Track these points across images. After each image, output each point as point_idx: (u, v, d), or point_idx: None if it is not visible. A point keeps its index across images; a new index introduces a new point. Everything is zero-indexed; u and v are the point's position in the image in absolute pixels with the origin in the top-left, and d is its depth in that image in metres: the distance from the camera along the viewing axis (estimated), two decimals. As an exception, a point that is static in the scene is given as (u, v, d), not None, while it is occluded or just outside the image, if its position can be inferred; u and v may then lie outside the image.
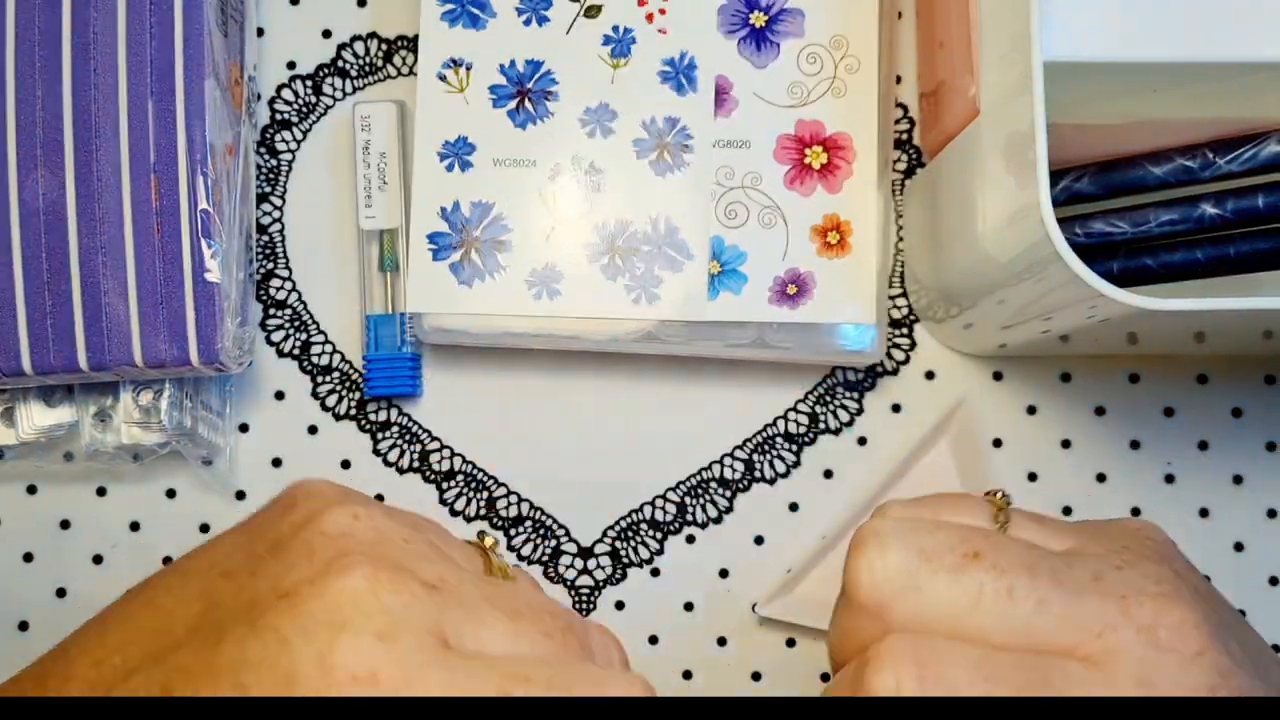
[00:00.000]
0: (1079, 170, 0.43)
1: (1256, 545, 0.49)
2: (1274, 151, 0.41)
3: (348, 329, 0.49)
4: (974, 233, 0.41)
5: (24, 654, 0.48)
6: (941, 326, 0.48)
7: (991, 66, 0.40)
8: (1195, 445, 0.49)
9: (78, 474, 0.49)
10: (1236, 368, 0.49)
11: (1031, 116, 0.35)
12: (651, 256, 0.46)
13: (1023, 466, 0.49)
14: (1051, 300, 0.38)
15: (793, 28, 0.46)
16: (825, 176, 0.46)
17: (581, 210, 0.46)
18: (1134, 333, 0.43)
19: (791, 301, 0.46)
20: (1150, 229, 0.41)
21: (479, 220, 0.46)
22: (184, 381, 0.47)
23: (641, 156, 0.46)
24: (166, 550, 0.49)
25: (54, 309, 0.44)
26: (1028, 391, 0.49)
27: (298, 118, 0.50)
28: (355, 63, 0.50)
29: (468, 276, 0.46)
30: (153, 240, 0.44)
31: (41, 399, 0.47)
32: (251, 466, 0.49)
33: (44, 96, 0.44)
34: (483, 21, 0.46)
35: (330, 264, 0.49)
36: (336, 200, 0.49)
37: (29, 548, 0.49)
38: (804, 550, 0.48)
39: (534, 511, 0.49)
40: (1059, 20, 0.38)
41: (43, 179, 0.44)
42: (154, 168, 0.44)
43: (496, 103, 0.46)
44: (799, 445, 0.49)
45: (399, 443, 0.49)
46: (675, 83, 0.46)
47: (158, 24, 0.44)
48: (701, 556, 0.49)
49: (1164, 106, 0.40)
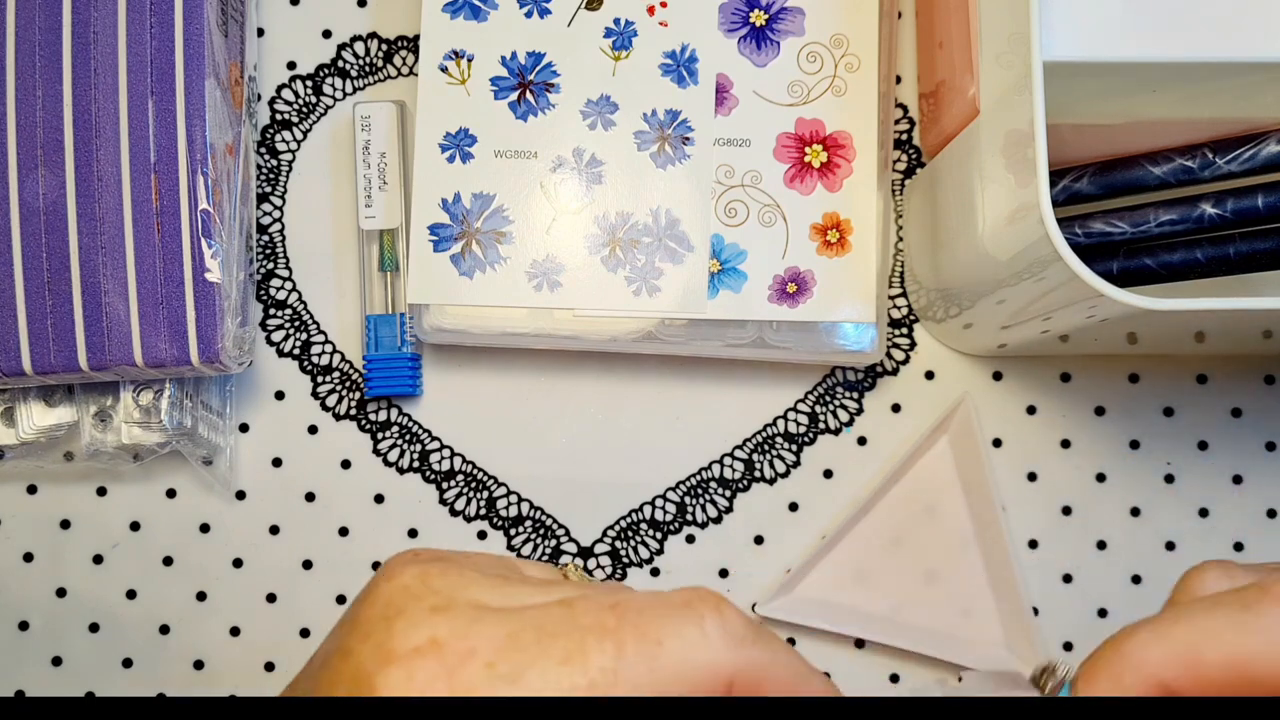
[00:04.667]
0: (1079, 170, 0.43)
1: (1256, 545, 0.49)
2: (1273, 151, 0.41)
3: (348, 329, 0.49)
4: (974, 232, 0.41)
5: (25, 654, 0.49)
6: (941, 326, 0.48)
7: (991, 66, 0.40)
8: (1195, 445, 0.49)
9: (78, 474, 0.49)
10: (1236, 368, 0.49)
11: (1031, 116, 0.35)
12: (652, 248, 0.46)
13: (1023, 466, 0.49)
14: (1051, 300, 0.38)
15: (793, 26, 0.46)
16: (825, 175, 0.46)
17: (582, 202, 0.46)
18: (1134, 333, 0.43)
19: (791, 300, 0.46)
20: (1150, 229, 0.41)
21: (480, 212, 0.46)
22: (184, 381, 0.47)
23: (643, 149, 0.46)
24: (166, 550, 0.49)
25: (54, 309, 0.44)
26: (1028, 391, 0.49)
27: (298, 118, 0.50)
28: (355, 63, 0.50)
29: (468, 268, 0.46)
30: (153, 240, 0.44)
31: (41, 399, 0.47)
32: (251, 466, 0.49)
33: (44, 96, 0.44)
34: (484, 13, 0.46)
35: (330, 264, 0.49)
36: (336, 200, 0.49)
37: (29, 548, 0.49)
38: (804, 550, 0.48)
39: (534, 511, 0.49)
40: (1059, 20, 0.38)
41: (43, 179, 0.44)
42: (154, 167, 0.44)
43: (498, 94, 0.46)
44: (799, 445, 0.49)
45: (399, 443, 0.49)
46: (676, 75, 0.46)
47: (158, 24, 0.44)
48: (701, 556, 0.49)
49: (1164, 106, 0.40)
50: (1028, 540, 0.49)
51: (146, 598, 0.49)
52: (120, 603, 0.49)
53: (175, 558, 0.49)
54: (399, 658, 0.24)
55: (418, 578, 0.26)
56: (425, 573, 0.26)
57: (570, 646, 0.25)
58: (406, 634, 0.25)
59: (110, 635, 0.49)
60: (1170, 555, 0.49)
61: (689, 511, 0.49)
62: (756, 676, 0.26)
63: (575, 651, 0.24)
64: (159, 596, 0.49)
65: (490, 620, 0.25)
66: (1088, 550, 0.49)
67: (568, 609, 0.25)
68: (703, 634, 0.25)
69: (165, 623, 0.49)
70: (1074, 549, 0.49)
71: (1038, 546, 0.49)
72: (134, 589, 0.49)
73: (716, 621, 0.26)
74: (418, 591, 0.26)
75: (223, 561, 0.49)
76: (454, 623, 0.25)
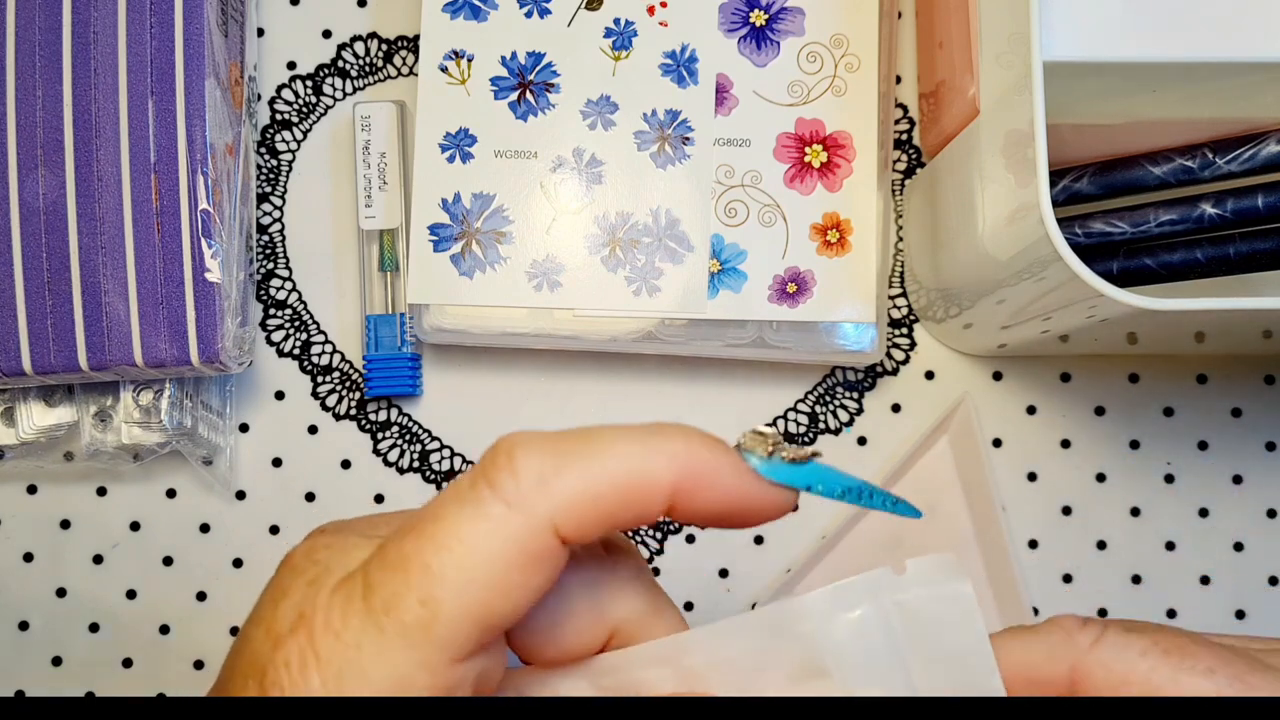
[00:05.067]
0: (1079, 170, 0.43)
1: (1256, 545, 0.49)
2: (1273, 151, 0.41)
3: (348, 329, 0.49)
4: (974, 232, 0.41)
5: (24, 654, 0.49)
6: (941, 326, 0.48)
7: (991, 66, 0.40)
8: (1195, 445, 0.49)
9: (78, 474, 0.49)
10: (1236, 368, 0.49)
11: (1031, 116, 0.35)
12: (652, 248, 0.46)
13: (1023, 466, 0.49)
14: (1051, 300, 0.38)
15: (793, 26, 0.46)
16: (825, 175, 0.46)
17: (582, 202, 0.46)
18: (1134, 333, 0.43)
19: (791, 300, 0.46)
20: (1150, 229, 0.41)
21: (480, 212, 0.46)
22: (184, 381, 0.47)
23: (643, 149, 0.46)
24: (166, 550, 0.49)
25: (54, 309, 0.44)
26: (1028, 391, 0.49)
27: (298, 118, 0.50)
28: (355, 63, 0.50)
29: (468, 268, 0.46)
30: (153, 240, 0.44)
31: (41, 399, 0.47)
32: (251, 466, 0.49)
33: (44, 96, 0.44)
34: (484, 13, 0.46)
35: (330, 264, 0.49)
36: (336, 200, 0.49)
37: (29, 548, 0.49)
38: (804, 550, 0.48)
39: (534, 511, 0.49)
40: (1059, 20, 0.38)
41: (43, 179, 0.44)
42: (154, 167, 0.44)
43: (498, 94, 0.46)
44: (799, 445, 0.49)
45: (399, 443, 0.49)
46: (676, 75, 0.46)
47: (158, 24, 0.44)
48: (701, 556, 0.49)
49: (1164, 106, 0.40)
50: (1028, 540, 0.49)
51: (146, 598, 0.49)
52: (120, 603, 0.49)
53: (175, 558, 0.49)
54: (281, 639, 0.24)
55: (305, 553, 0.26)
56: (313, 546, 0.26)
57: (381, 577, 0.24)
58: (286, 613, 0.25)
59: (110, 635, 0.49)
60: (1170, 555, 0.49)
61: (689, 511, 0.49)
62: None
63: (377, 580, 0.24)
64: (159, 596, 0.49)
65: (343, 590, 0.24)
66: (1088, 550, 0.49)
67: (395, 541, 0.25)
68: (486, 514, 0.24)
69: (165, 623, 0.49)
70: (1074, 549, 0.49)
71: (1038, 546, 0.49)
72: (134, 589, 0.49)
73: (495, 497, 0.24)
74: (301, 566, 0.26)
75: (223, 561, 0.49)
76: (318, 594, 0.25)
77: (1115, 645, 0.27)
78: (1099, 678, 0.27)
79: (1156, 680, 0.26)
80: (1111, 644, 0.27)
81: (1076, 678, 0.27)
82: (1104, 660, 0.27)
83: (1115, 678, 0.27)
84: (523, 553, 0.24)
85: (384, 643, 0.23)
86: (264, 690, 0.24)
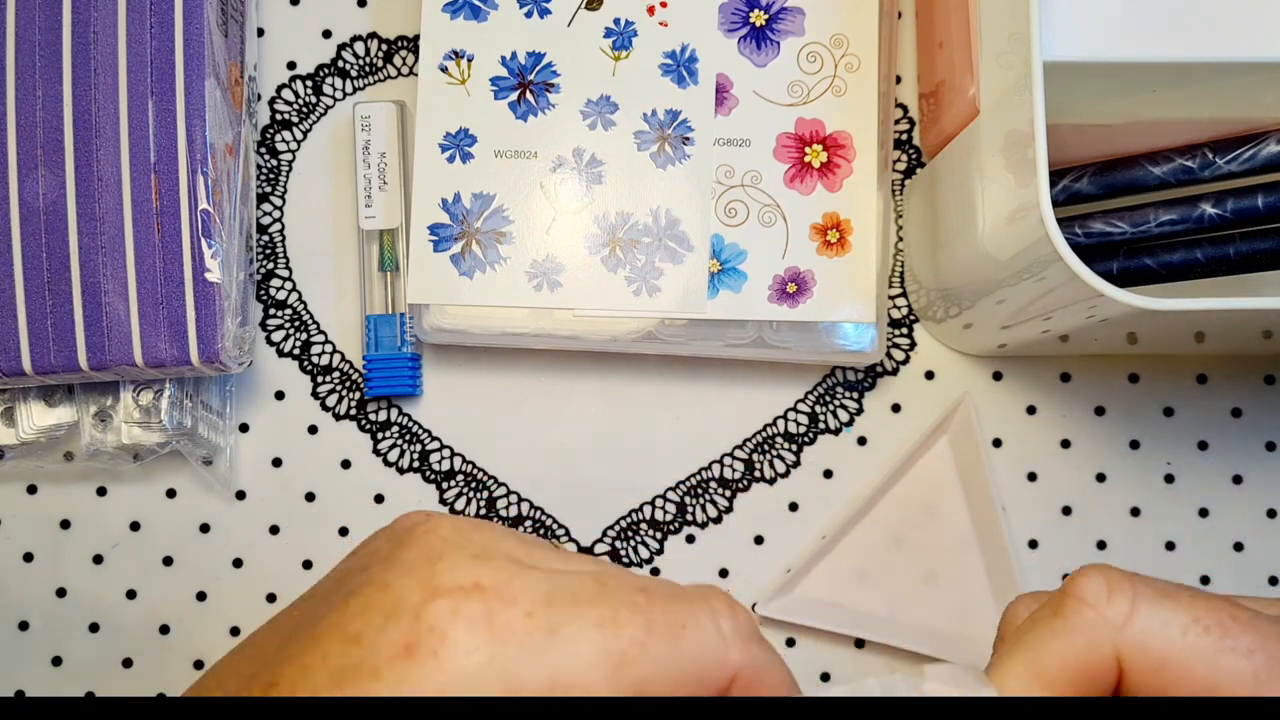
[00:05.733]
0: (1079, 170, 0.43)
1: (1256, 545, 0.49)
2: (1273, 151, 0.41)
3: (348, 329, 0.49)
4: (974, 232, 0.41)
5: (24, 654, 0.49)
6: (941, 326, 0.48)
7: (991, 66, 0.40)
8: (1195, 445, 0.49)
9: (78, 474, 0.49)
10: (1236, 368, 0.49)
11: (1031, 116, 0.35)
12: (652, 248, 0.46)
13: (1023, 466, 0.49)
14: (1051, 300, 0.38)
15: (793, 26, 0.46)
16: (825, 175, 0.46)
17: (582, 202, 0.46)
18: (1134, 333, 0.43)
19: (791, 300, 0.46)
20: (1150, 229, 0.41)
21: (480, 212, 0.46)
22: (184, 381, 0.47)
23: (643, 149, 0.46)
24: (166, 550, 0.49)
25: (54, 309, 0.44)
26: (1028, 391, 0.49)
27: (298, 118, 0.50)
28: (355, 63, 0.50)
29: (468, 268, 0.46)
30: (153, 240, 0.44)
31: (41, 399, 0.47)
32: (251, 466, 0.49)
33: (44, 96, 0.44)
34: (484, 13, 0.46)
35: (330, 264, 0.49)
36: (336, 200, 0.49)
37: (29, 548, 0.49)
38: (804, 550, 0.48)
39: (534, 511, 0.49)
40: (1059, 20, 0.38)
41: (43, 179, 0.44)
42: (154, 167, 0.44)
43: (498, 94, 0.46)
44: (799, 445, 0.49)
45: (399, 443, 0.49)
46: (676, 75, 0.46)
47: (158, 24, 0.44)
48: (701, 556, 0.49)
49: (1164, 106, 0.40)
50: (1028, 540, 0.49)
51: (146, 598, 0.49)
52: (120, 603, 0.49)
53: (175, 558, 0.49)
54: (446, 592, 0.25)
55: (454, 529, 0.27)
56: (460, 525, 0.27)
57: (605, 614, 0.25)
58: (452, 573, 0.25)
59: (110, 635, 0.49)
60: (1170, 555, 0.49)
61: (689, 511, 0.49)
62: (756, 676, 0.27)
63: (609, 619, 0.25)
64: (159, 596, 0.49)
65: (528, 576, 0.25)
66: (1088, 550, 0.49)
67: (599, 581, 0.26)
68: (718, 628, 0.26)
69: (165, 623, 0.49)
70: (1074, 549, 0.49)
71: (1038, 546, 0.49)
72: (134, 589, 0.49)
73: (730, 618, 0.26)
74: (457, 541, 0.26)
75: (223, 561, 0.49)
76: (495, 572, 0.25)
77: (1154, 621, 0.27)
78: (1138, 661, 0.27)
79: (1195, 662, 0.26)
80: (1149, 619, 0.27)
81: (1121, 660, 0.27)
82: (1142, 640, 0.27)
83: (1153, 659, 0.26)
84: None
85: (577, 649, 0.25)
86: (415, 630, 0.24)
